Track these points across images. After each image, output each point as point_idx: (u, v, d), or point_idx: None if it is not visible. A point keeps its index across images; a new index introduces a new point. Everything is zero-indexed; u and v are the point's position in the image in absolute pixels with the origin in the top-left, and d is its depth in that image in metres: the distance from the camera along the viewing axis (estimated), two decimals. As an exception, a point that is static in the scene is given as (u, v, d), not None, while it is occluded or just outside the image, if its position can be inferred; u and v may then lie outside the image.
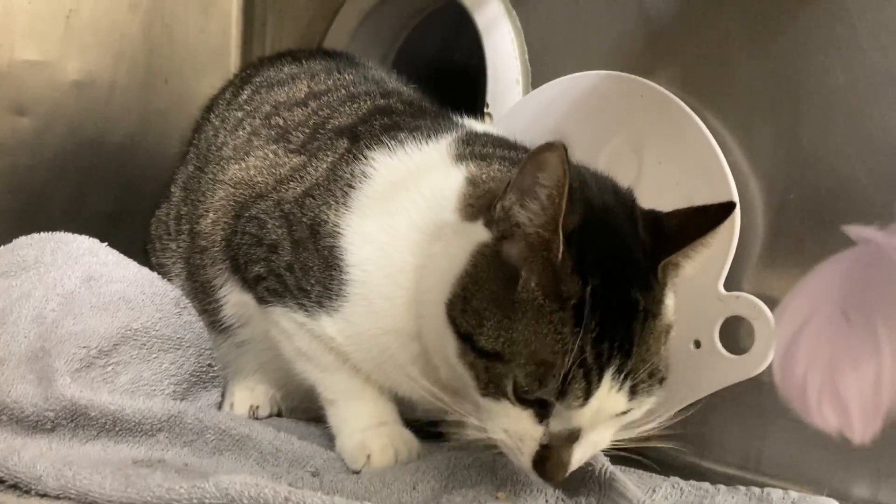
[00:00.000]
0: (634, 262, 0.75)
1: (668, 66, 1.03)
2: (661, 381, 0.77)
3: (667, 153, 1.01)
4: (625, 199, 0.81)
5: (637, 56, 1.07)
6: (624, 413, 0.76)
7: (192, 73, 1.49)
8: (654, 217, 0.79)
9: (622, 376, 0.72)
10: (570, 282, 0.72)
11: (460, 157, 0.89)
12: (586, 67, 1.10)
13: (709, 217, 0.77)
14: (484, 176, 0.86)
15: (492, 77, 1.22)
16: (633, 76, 1.04)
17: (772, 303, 0.93)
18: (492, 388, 0.74)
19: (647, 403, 0.77)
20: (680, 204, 0.98)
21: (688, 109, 0.99)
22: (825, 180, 0.92)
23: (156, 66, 1.45)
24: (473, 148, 0.91)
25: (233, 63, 1.56)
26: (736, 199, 0.96)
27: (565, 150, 0.70)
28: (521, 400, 0.73)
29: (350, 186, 0.90)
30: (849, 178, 0.90)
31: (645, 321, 0.74)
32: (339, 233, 0.88)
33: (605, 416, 0.74)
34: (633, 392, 0.74)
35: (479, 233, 0.78)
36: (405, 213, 0.86)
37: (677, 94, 1.01)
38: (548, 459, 0.74)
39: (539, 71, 1.19)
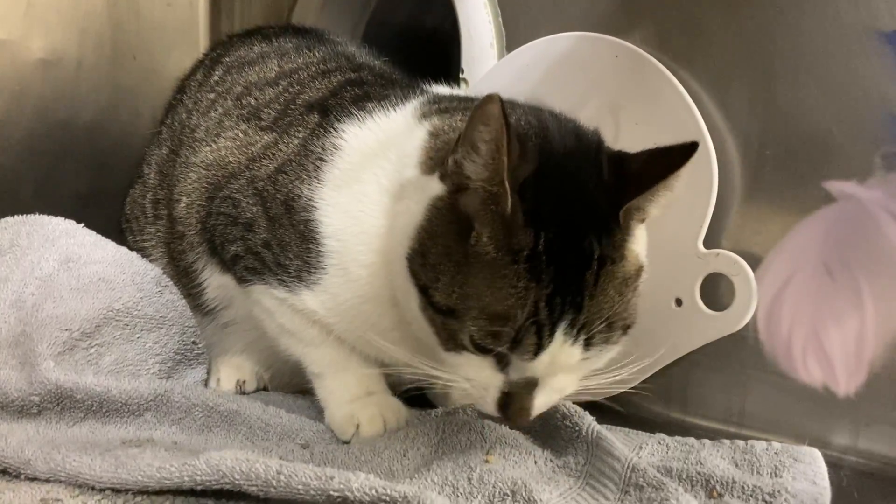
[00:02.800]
0: (593, 209, 0.74)
1: (642, 26, 1.03)
2: (625, 328, 0.77)
3: (643, 114, 1.01)
4: (588, 142, 0.80)
5: (612, 16, 1.07)
6: (585, 360, 0.76)
7: (160, 49, 1.47)
8: (619, 159, 0.78)
9: (575, 330, 0.73)
10: (522, 234, 0.72)
11: (425, 115, 0.89)
12: (561, 29, 1.09)
13: (671, 159, 0.75)
14: (445, 127, 0.85)
15: (465, 42, 1.21)
16: (608, 37, 1.04)
17: (751, 259, 0.94)
18: (451, 342, 0.76)
19: (608, 352, 0.77)
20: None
21: (663, 69, 0.99)
22: (802, 136, 0.93)
23: (123, 43, 1.42)
24: (440, 105, 0.91)
25: (201, 36, 1.54)
26: (713, 157, 0.96)
27: (502, 102, 0.69)
28: (480, 350, 0.75)
29: (321, 160, 0.89)
30: (825, 134, 0.90)
31: (601, 269, 0.73)
32: (313, 206, 0.88)
33: (561, 366, 0.75)
34: (589, 343, 0.74)
35: (436, 186, 0.78)
36: (374, 179, 0.86)
37: (652, 54, 1.01)
38: (510, 405, 0.76)
39: (513, 34, 1.18)
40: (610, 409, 1.01)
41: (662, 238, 0.99)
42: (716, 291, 0.97)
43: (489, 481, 0.74)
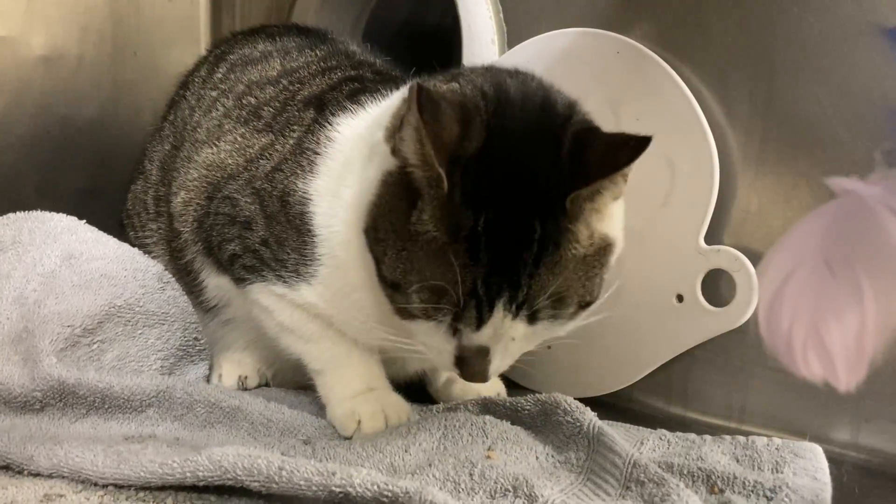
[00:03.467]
0: (539, 191, 0.73)
1: (643, 21, 1.03)
2: (582, 304, 0.77)
3: (644, 109, 1.01)
4: (553, 116, 0.78)
5: (613, 12, 1.07)
6: (534, 332, 0.77)
7: (161, 45, 1.47)
8: (582, 139, 0.76)
9: (514, 306, 0.73)
10: (461, 214, 0.72)
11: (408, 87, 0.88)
12: (562, 25, 1.09)
13: (623, 153, 0.73)
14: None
15: (467, 38, 1.21)
16: (609, 33, 1.04)
17: (752, 255, 0.94)
18: (402, 312, 0.78)
19: (560, 325, 0.78)
20: (659, 161, 0.99)
21: (664, 65, 0.99)
22: (803, 132, 0.93)
23: (123, 39, 1.42)
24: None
25: (202, 32, 1.54)
26: (714, 152, 0.96)
27: (420, 93, 0.70)
28: (428, 318, 0.76)
29: (316, 153, 0.90)
30: (826, 130, 0.90)
31: (543, 251, 0.73)
32: (307, 199, 0.88)
33: (508, 338, 0.76)
34: (533, 318, 0.75)
35: (390, 158, 0.78)
36: (358, 162, 0.86)
37: (653, 50, 1.01)
38: (465, 367, 0.78)
39: (514, 30, 1.18)
40: (611, 405, 1.01)
41: (664, 234, 0.99)
42: (717, 287, 0.97)
43: (490, 477, 0.74)
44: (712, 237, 0.97)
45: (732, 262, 0.95)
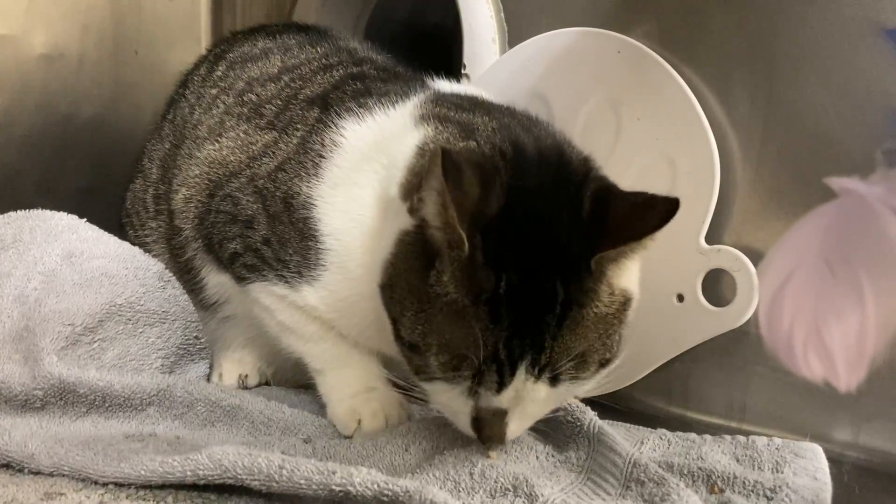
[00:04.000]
0: (561, 252, 0.72)
1: (644, 21, 1.03)
2: (602, 363, 0.76)
3: (645, 109, 1.01)
4: (571, 174, 0.78)
5: (613, 12, 1.07)
6: (555, 394, 0.75)
7: (162, 43, 1.47)
8: (602, 198, 0.75)
9: (537, 369, 0.72)
10: (482, 277, 0.71)
11: (423, 118, 0.87)
12: (563, 25, 1.09)
13: (652, 217, 0.72)
14: (432, 145, 0.83)
15: (467, 37, 1.21)
16: (610, 32, 1.04)
17: (753, 255, 0.94)
18: (420, 373, 0.77)
19: (580, 386, 0.76)
20: (660, 161, 0.99)
21: (665, 64, 0.99)
22: (804, 132, 0.93)
23: (124, 37, 1.42)
24: (440, 108, 0.89)
25: (203, 31, 1.54)
26: (715, 152, 0.96)
27: (445, 157, 0.69)
28: (447, 381, 0.74)
29: (321, 156, 0.89)
30: (827, 130, 0.90)
31: (566, 312, 0.71)
32: (312, 204, 0.88)
33: (528, 400, 0.74)
34: (556, 380, 0.73)
35: (405, 217, 0.77)
36: (369, 183, 0.86)
37: (654, 50, 1.01)
38: (483, 430, 0.76)
39: (515, 29, 1.18)
40: (611, 405, 1.01)
41: (664, 233, 0.99)
42: (717, 287, 0.97)
43: (491, 476, 0.74)
44: (713, 237, 0.97)
45: (733, 261, 0.95)
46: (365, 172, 0.87)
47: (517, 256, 0.71)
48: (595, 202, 0.74)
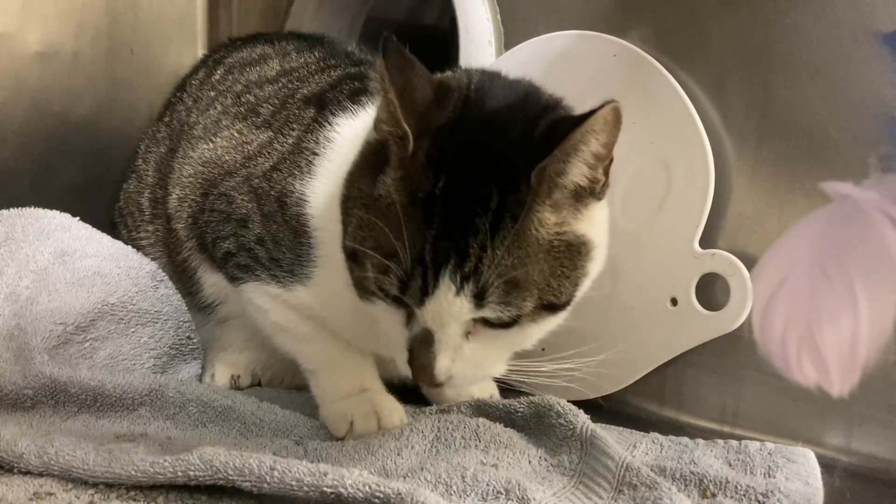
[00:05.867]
0: (506, 164, 0.72)
1: (640, 24, 1.03)
2: (546, 305, 0.74)
3: (641, 112, 1.01)
4: (534, 103, 0.78)
5: (610, 15, 1.07)
6: (482, 316, 0.73)
7: (158, 42, 1.46)
8: (555, 124, 0.74)
9: (459, 277, 0.70)
10: (421, 177, 0.72)
11: None
12: (559, 28, 1.09)
13: (578, 119, 0.71)
14: None
15: (464, 39, 1.21)
16: (606, 36, 1.04)
17: (747, 259, 0.94)
18: (361, 289, 0.77)
19: (514, 318, 0.73)
20: (656, 165, 0.99)
21: (661, 68, 0.99)
22: (798, 137, 0.93)
23: (120, 36, 1.41)
24: None
25: (199, 30, 1.53)
26: (710, 156, 0.96)
27: (386, 40, 0.72)
28: (382, 293, 0.75)
29: (314, 154, 0.90)
30: (822, 134, 0.91)
31: (499, 223, 0.70)
32: (304, 200, 0.88)
33: (452, 318, 0.72)
34: (481, 297, 0.71)
35: (371, 133, 0.79)
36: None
37: (651, 53, 1.01)
38: (413, 361, 0.75)
39: (512, 32, 1.18)
40: (604, 408, 1.01)
41: (659, 237, 1.00)
42: (711, 291, 0.97)
43: (483, 480, 0.74)
44: (707, 241, 0.97)
45: (727, 266, 0.95)
46: (351, 158, 0.87)
47: (460, 161, 0.72)
48: (549, 126, 0.73)
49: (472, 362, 0.76)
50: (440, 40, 1.34)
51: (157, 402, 0.91)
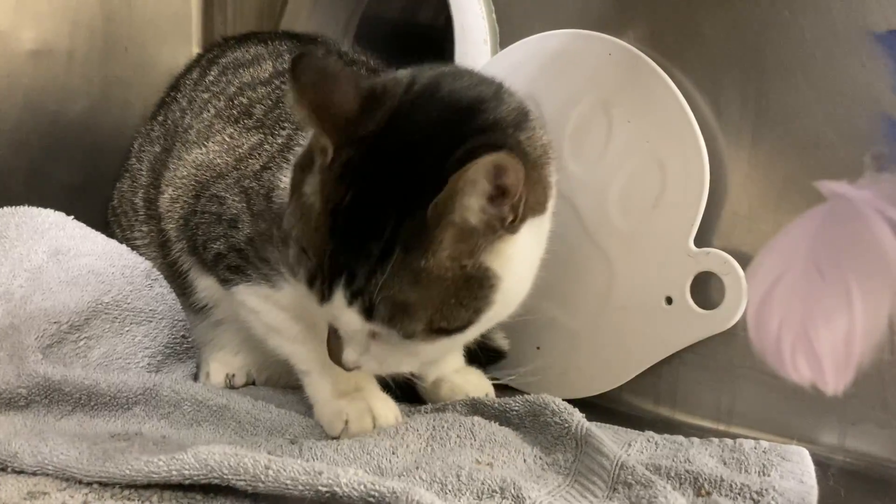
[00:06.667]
0: (411, 191, 0.71)
1: (636, 23, 1.03)
2: (437, 330, 0.74)
3: (636, 111, 1.01)
4: (466, 126, 0.75)
5: (605, 14, 1.07)
6: (375, 329, 0.74)
7: (152, 41, 1.46)
8: (469, 153, 0.70)
9: (349, 293, 0.72)
10: (334, 187, 0.73)
11: None
12: (555, 26, 1.09)
13: (465, 157, 0.69)
14: None
15: (459, 38, 1.21)
16: (601, 34, 1.04)
17: (742, 258, 0.94)
18: (288, 268, 0.79)
19: (406, 338, 0.74)
20: (650, 164, 0.99)
21: (656, 67, 0.99)
22: (793, 136, 0.93)
23: (115, 34, 1.41)
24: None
25: (194, 29, 1.53)
26: (705, 155, 0.96)
27: (294, 60, 0.73)
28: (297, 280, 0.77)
29: (302, 147, 0.90)
30: (816, 133, 0.91)
31: (391, 250, 0.70)
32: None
33: (346, 324, 0.75)
34: (369, 314, 0.73)
35: None
36: None
37: (646, 53, 1.01)
38: (328, 344, 0.80)
39: (507, 31, 1.18)
40: (599, 406, 1.01)
41: (654, 236, 1.00)
42: (706, 290, 0.97)
43: (478, 478, 0.74)
44: (702, 240, 0.97)
45: (722, 264, 0.95)
46: None
47: (370, 178, 0.72)
48: (465, 155, 0.70)
49: (379, 359, 0.79)
50: (435, 39, 1.34)
51: (152, 401, 0.91)
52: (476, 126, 0.76)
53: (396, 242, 0.71)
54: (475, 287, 0.74)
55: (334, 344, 0.79)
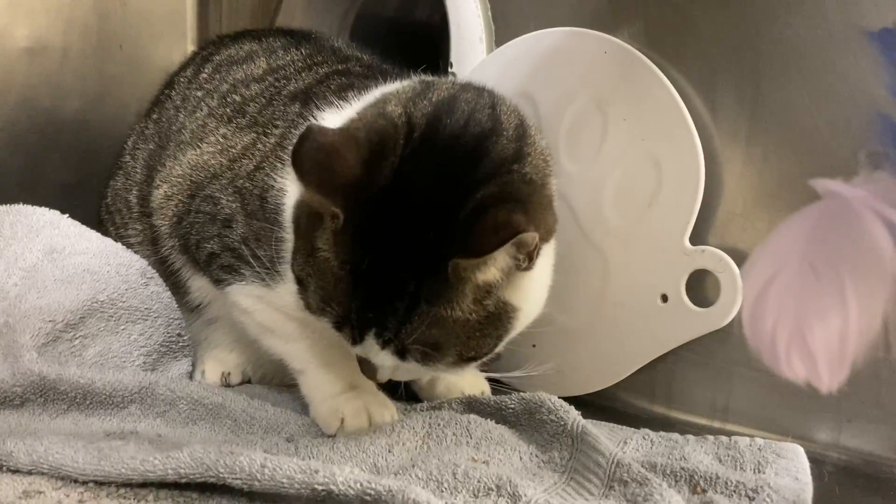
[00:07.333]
0: (425, 248, 0.73)
1: (631, 22, 1.03)
2: (466, 359, 0.79)
3: (631, 110, 1.01)
4: (471, 173, 0.76)
5: (601, 12, 1.07)
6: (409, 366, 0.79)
7: (147, 38, 1.46)
8: (483, 209, 0.73)
9: (382, 341, 0.76)
10: (350, 249, 0.75)
11: (370, 104, 0.86)
12: (550, 24, 1.09)
13: (497, 236, 0.71)
14: (350, 125, 0.82)
15: (455, 36, 1.21)
16: (596, 32, 1.04)
17: (737, 256, 0.94)
18: (307, 307, 0.80)
19: (441, 368, 0.79)
20: (646, 162, 0.99)
21: (652, 65, 0.99)
22: (788, 134, 0.93)
23: (109, 32, 1.41)
24: (392, 92, 0.87)
25: (189, 26, 1.53)
26: (700, 153, 0.96)
27: (297, 162, 0.73)
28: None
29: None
30: (811, 131, 0.91)
31: (415, 305, 0.74)
32: (284, 191, 0.88)
33: (383, 363, 0.79)
34: (402, 356, 0.77)
35: None
36: None
37: (641, 51, 1.01)
38: (361, 366, 0.83)
39: (502, 29, 1.18)
40: (595, 404, 1.01)
41: (649, 234, 1.00)
42: (701, 288, 0.97)
43: (474, 476, 0.74)
44: (697, 238, 0.97)
45: (717, 262, 0.95)
46: None
47: (385, 239, 0.74)
48: (475, 209, 0.74)
49: (413, 373, 0.86)
50: (431, 37, 1.34)
51: (148, 399, 0.91)
52: (482, 174, 0.77)
53: (420, 298, 0.74)
54: (496, 321, 0.78)
55: (367, 366, 0.82)
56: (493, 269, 0.75)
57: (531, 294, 0.81)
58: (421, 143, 0.78)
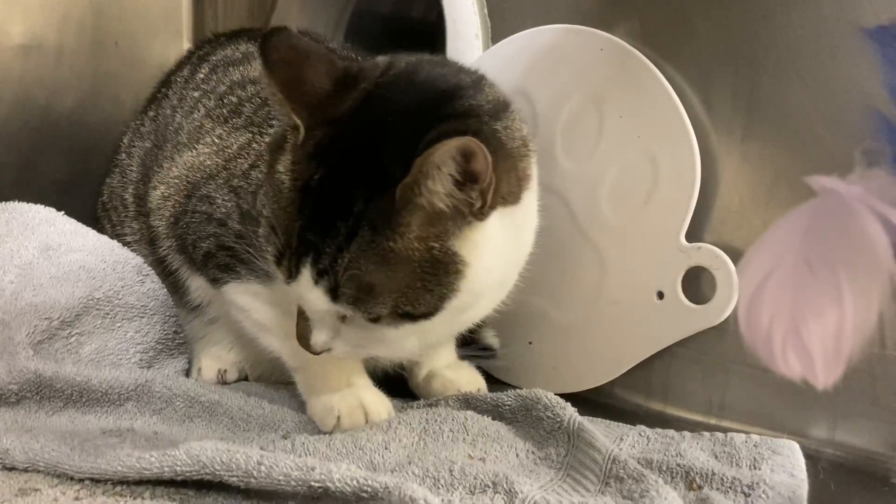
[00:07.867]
0: (380, 171, 0.71)
1: (627, 19, 1.03)
2: (401, 314, 0.74)
3: (627, 107, 1.01)
4: (438, 110, 0.75)
5: (597, 9, 1.07)
6: (341, 310, 0.75)
7: (143, 35, 1.45)
8: (438, 136, 0.70)
9: (315, 271, 0.72)
10: (304, 165, 0.73)
11: None
12: (546, 21, 1.09)
13: (436, 140, 0.69)
14: None
15: (451, 33, 1.21)
16: (593, 30, 1.04)
17: (733, 253, 0.94)
18: (259, 251, 0.79)
19: (371, 321, 0.74)
20: (642, 159, 1.00)
21: (648, 63, 1.00)
22: (784, 131, 0.93)
23: (105, 28, 1.40)
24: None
25: (185, 23, 1.52)
26: (696, 151, 0.97)
27: (266, 49, 0.73)
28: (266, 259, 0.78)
29: (289, 142, 0.90)
30: (807, 129, 0.91)
31: (358, 229, 0.70)
32: None
33: (314, 304, 0.75)
34: (334, 294, 0.73)
35: None
36: None
37: (637, 48, 1.01)
38: (297, 328, 0.81)
39: (499, 26, 1.18)
40: (591, 401, 1.01)
41: (645, 231, 1.00)
42: (697, 285, 0.97)
43: (470, 473, 0.74)
44: (693, 235, 0.97)
45: (713, 259, 0.95)
46: None
47: (341, 157, 0.72)
48: (434, 138, 0.70)
49: (351, 342, 0.79)
50: (427, 34, 1.34)
51: (144, 396, 0.91)
52: (450, 111, 0.75)
53: (363, 221, 0.71)
54: (441, 272, 0.73)
55: (303, 328, 0.79)
56: (438, 193, 0.70)
57: (483, 253, 0.75)
58: (396, 77, 0.77)
